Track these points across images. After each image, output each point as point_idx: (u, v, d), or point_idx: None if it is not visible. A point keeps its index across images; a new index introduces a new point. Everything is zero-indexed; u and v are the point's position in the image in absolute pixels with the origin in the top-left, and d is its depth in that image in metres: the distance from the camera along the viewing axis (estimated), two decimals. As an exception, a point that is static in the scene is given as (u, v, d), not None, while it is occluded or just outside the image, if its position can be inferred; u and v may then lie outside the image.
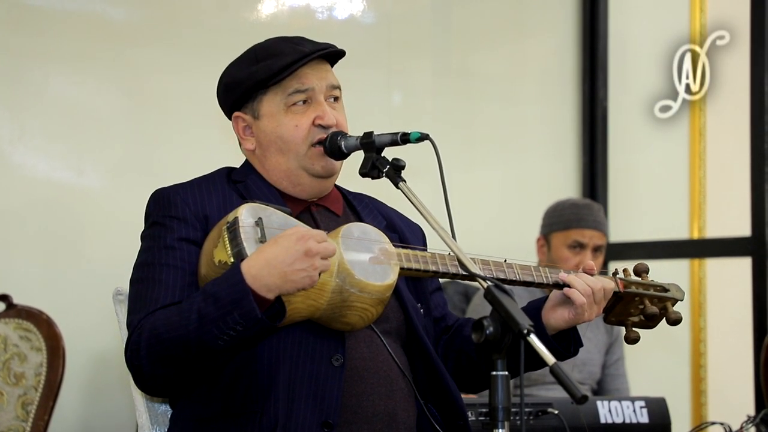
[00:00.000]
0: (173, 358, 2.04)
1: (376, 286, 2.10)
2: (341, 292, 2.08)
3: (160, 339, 2.04)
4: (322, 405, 2.11)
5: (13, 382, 3.38)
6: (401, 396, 2.21)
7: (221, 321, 1.97)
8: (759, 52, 4.20)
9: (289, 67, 2.23)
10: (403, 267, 2.15)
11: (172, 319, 2.04)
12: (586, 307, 2.27)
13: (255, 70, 2.26)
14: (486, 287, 1.94)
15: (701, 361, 4.72)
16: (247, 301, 1.96)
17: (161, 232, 2.20)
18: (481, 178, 4.68)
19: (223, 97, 2.34)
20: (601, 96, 4.86)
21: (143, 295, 2.14)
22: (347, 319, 2.11)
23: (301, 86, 2.25)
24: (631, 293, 2.38)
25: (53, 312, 3.46)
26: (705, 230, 4.75)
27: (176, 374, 2.08)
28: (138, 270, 2.20)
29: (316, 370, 2.13)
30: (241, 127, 2.32)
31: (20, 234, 3.67)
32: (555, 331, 2.31)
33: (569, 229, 3.89)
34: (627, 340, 2.42)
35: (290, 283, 1.98)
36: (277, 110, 2.26)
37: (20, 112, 3.72)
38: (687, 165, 4.83)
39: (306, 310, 2.07)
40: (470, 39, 4.71)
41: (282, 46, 2.27)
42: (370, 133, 2.22)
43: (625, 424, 3.04)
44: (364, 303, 2.10)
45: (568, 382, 1.79)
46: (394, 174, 2.18)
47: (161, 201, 2.24)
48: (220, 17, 4.09)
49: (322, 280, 2.04)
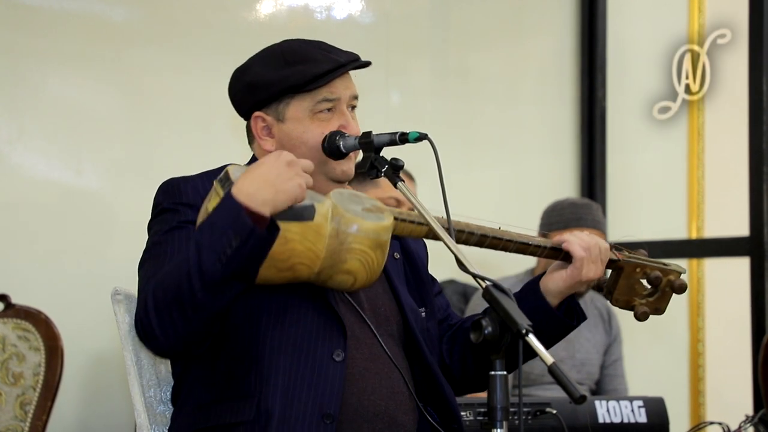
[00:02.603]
0: (178, 300, 2.03)
1: (373, 225, 2.10)
2: (338, 235, 2.08)
3: (163, 285, 2.04)
4: (323, 397, 2.11)
5: (12, 382, 3.38)
6: (402, 398, 2.22)
7: (217, 242, 1.98)
8: (757, 52, 4.20)
9: (325, 76, 2.25)
10: (396, 218, 2.17)
11: (174, 265, 2.05)
12: (585, 262, 2.29)
13: (288, 74, 2.25)
14: (484, 287, 1.94)
15: (699, 361, 4.72)
16: (241, 216, 1.97)
17: (170, 216, 2.21)
18: (479, 178, 4.68)
19: (242, 95, 2.33)
20: (599, 96, 4.87)
21: (151, 270, 2.14)
22: (348, 265, 2.10)
23: (331, 95, 2.27)
24: (631, 262, 2.39)
25: (52, 312, 3.46)
26: (703, 230, 4.75)
27: (183, 322, 2.05)
28: (146, 253, 2.21)
29: (317, 363, 2.13)
30: (260, 127, 2.31)
31: (19, 234, 3.67)
32: (555, 297, 2.33)
33: (568, 228, 3.89)
34: (636, 315, 2.41)
35: (282, 193, 2.00)
36: (303, 115, 2.27)
37: (19, 112, 3.72)
38: (685, 165, 4.83)
39: (305, 254, 2.07)
40: (469, 39, 4.71)
41: (313, 52, 2.28)
42: (368, 132, 2.22)
43: (623, 423, 3.04)
44: (362, 244, 2.09)
45: (567, 381, 1.79)
46: (393, 174, 2.18)
47: (170, 189, 2.25)
48: (218, 17, 4.09)
49: (317, 223, 2.06)
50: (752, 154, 4.20)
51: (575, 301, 2.38)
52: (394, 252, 2.37)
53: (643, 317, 2.40)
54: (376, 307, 2.28)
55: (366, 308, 2.26)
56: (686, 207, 4.81)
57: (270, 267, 2.06)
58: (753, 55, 4.22)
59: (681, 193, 4.83)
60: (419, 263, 2.43)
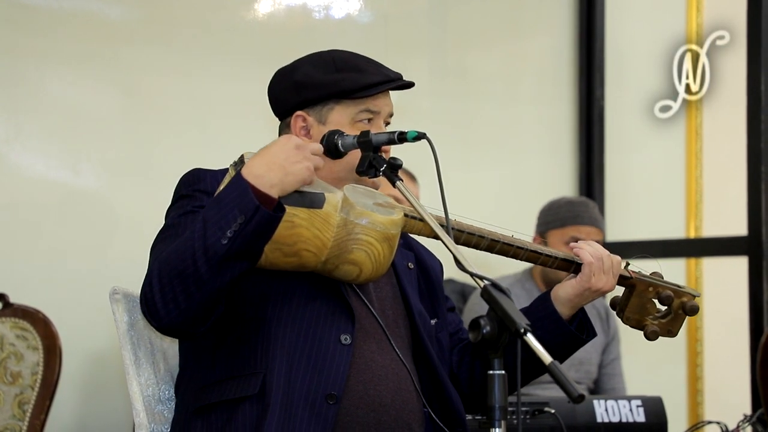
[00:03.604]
0: (182, 275, 2.03)
1: (381, 218, 2.12)
2: (346, 225, 2.10)
3: (168, 260, 2.05)
4: (328, 377, 2.13)
5: (10, 381, 3.38)
6: (408, 396, 2.22)
7: (222, 219, 2.00)
8: (756, 52, 4.20)
9: (376, 87, 2.29)
10: (407, 215, 2.19)
11: (181, 241, 2.06)
12: (594, 269, 2.31)
13: (340, 79, 2.28)
14: (483, 286, 1.94)
15: (698, 361, 4.73)
16: (247, 195, 1.99)
17: (187, 202, 2.23)
18: (478, 178, 4.68)
19: (287, 93, 2.33)
20: (597, 95, 4.87)
21: (161, 248, 2.15)
22: (354, 255, 2.12)
23: (374, 107, 2.31)
24: (644, 281, 2.38)
25: (50, 311, 3.46)
26: (701, 229, 4.76)
27: (186, 298, 2.05)
28: (160, 234, 2.22)
29: (324, 344, 2.15)
30: (299, 127, 2.32)
31: (17, 233, 3.67)
32: (566, 306, 2.34)
33: (566, 226, 3.90)
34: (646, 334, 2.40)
35: (290, 176, 2.03)
36: (345, 122, 2.29)
37: (17, 112, 3.72)
38: (684, 164, 4.83)
39: (311, 241, 2.08)
40: (467, 38, 4.71)
41: (363, 63, 2.33)
42: (367, 132, 2.22)
43: (621, 423, 3.04)
44: (369, 236, 2.11)
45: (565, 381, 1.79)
46: (391, 173, 2.18)
47: (191, 178, 2.27)
48: (217, 17, 4.09)
49: (325, 212, 2.08)
50: (750, 153, 4.20)
51: (586, 317, 2.39)
52: (409, 262, 2.40)
53: (652, 336, 2.39)
54: (385, 309, 2.29)
55: (376, 308, 2.27)
56: (684, 206, 4.82)
57: (275, 250, 2.07)
58: (751, 55, 4.22)
59: (679, 192, 4.83)
60: (433, 277, 2.45)
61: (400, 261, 2.38)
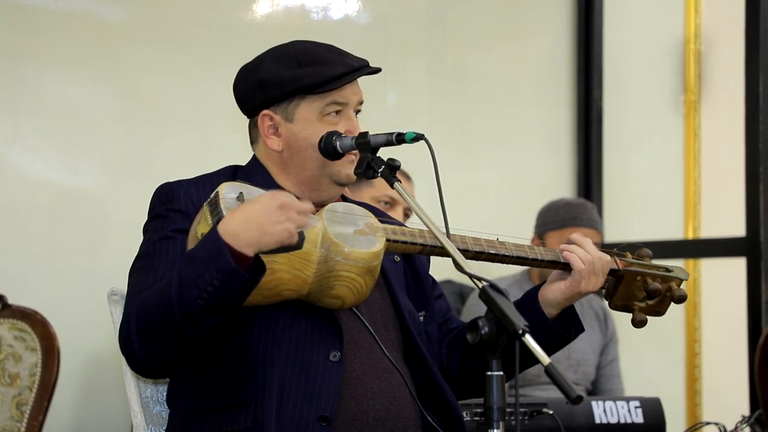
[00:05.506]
0: (160, 328, 2.04)
1: (362, 253, 2.10)
2: (326, 261, 2.08)
3: (146, 311, 2.05)
4: (319, 399, 2.11)
5: (8, 383, 3.38)
6: (403, 404, 2.21)
7: (199, 279, 1.97)
8: (754, 53, 4.20)
9: (339, 79, 2.24)
10: (389, 239, 2.16)
11: (157, 290, 2.05)
12: (584, 274, 2.28)
13: (301, 75, 2.24)
14: (481, 287, 1.94)
15: (696, 362, 4.73)
16: (223, 255, 1.96)
17: (162, 223, 2.21)
18: (476, 179, 4.68)
19: (252, 92, 2.30)
20: (596, 96, 4.87)
21: (138, 284, 2.15)
22: (336, 291, 2.10)
23: (341, 99, 2.26)
24: (632, 271, 2.37)
25: (48, 312, 3.45)
26: (699, 230, 4.76)
27: (165, 348, 2.06)
28: (137, 261, 2.22)
29: (312, 364, 2.13)
30: (266, 126, 2.29)
31: (15, 234, 3.66)
32: (554, 307, 2.32)
33: (564, 227, 3.90)
34: (634, 323, 2.40)
35: (268, 236, 1.97)
36: (312, 117, 2.26)
37: (16, 112, 3.72)
38: (682, 165, 4.84)
39: (292, 281, 2.07)
40: (465, 39, 4.71)
41: (325, 54, 2.27)
42: (365, 133, 2.22)
43: (619, 424, 3.04)
44: (350, 272, 2.09)
45: (563, 382, 1.79)
46: (390, 174, 2.17)
47: (164, 194, 2.24)
48: (215, 17, 4.09)
49: (306, 251, 2.05)
50: (748, 154, 4.20)
51: (575, 313, 2.37)
52: (395, 255, 2.36)
53: (639, 325, 2.39)
54: (374, 312, 2.27)
55: (364, 313, 2.25)
56: (683, 207, 4.82)
57: (256, 294, 2.06)
58: (749, 56, 4.22)
59: (677, 193, 4.83)
60: (418, 266, 2.42)
61: (386, 257, 2.34)
